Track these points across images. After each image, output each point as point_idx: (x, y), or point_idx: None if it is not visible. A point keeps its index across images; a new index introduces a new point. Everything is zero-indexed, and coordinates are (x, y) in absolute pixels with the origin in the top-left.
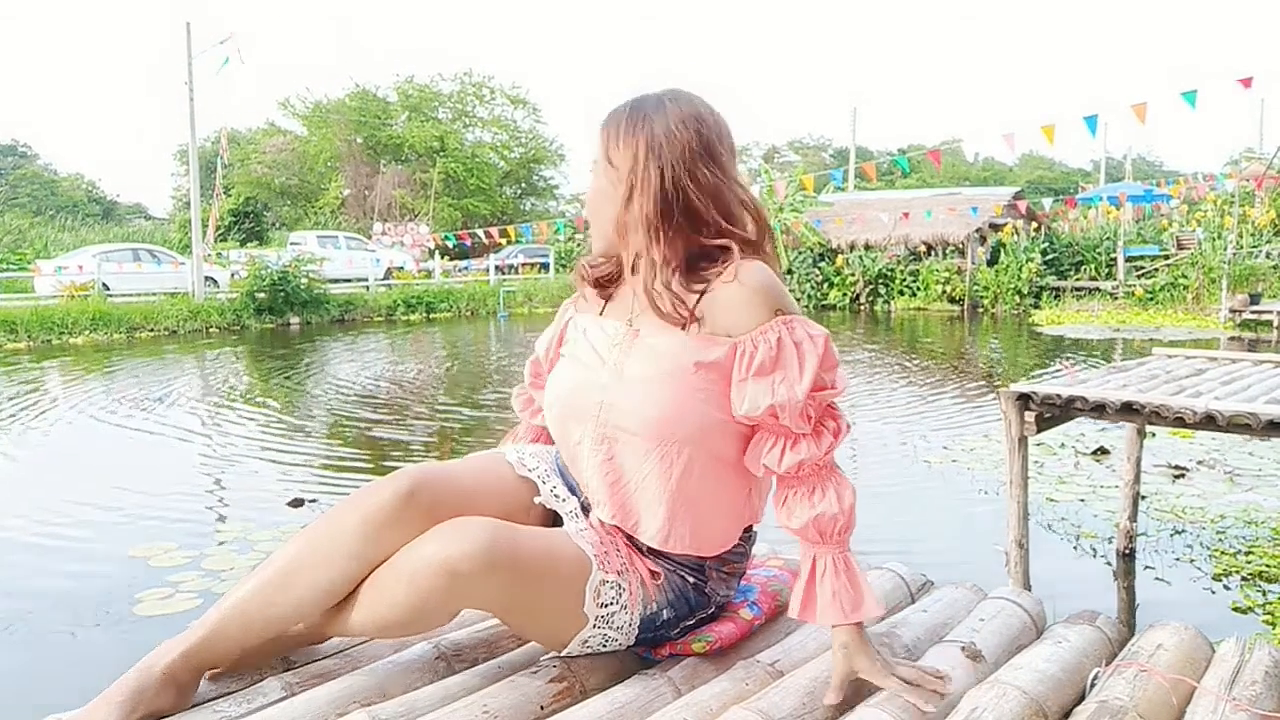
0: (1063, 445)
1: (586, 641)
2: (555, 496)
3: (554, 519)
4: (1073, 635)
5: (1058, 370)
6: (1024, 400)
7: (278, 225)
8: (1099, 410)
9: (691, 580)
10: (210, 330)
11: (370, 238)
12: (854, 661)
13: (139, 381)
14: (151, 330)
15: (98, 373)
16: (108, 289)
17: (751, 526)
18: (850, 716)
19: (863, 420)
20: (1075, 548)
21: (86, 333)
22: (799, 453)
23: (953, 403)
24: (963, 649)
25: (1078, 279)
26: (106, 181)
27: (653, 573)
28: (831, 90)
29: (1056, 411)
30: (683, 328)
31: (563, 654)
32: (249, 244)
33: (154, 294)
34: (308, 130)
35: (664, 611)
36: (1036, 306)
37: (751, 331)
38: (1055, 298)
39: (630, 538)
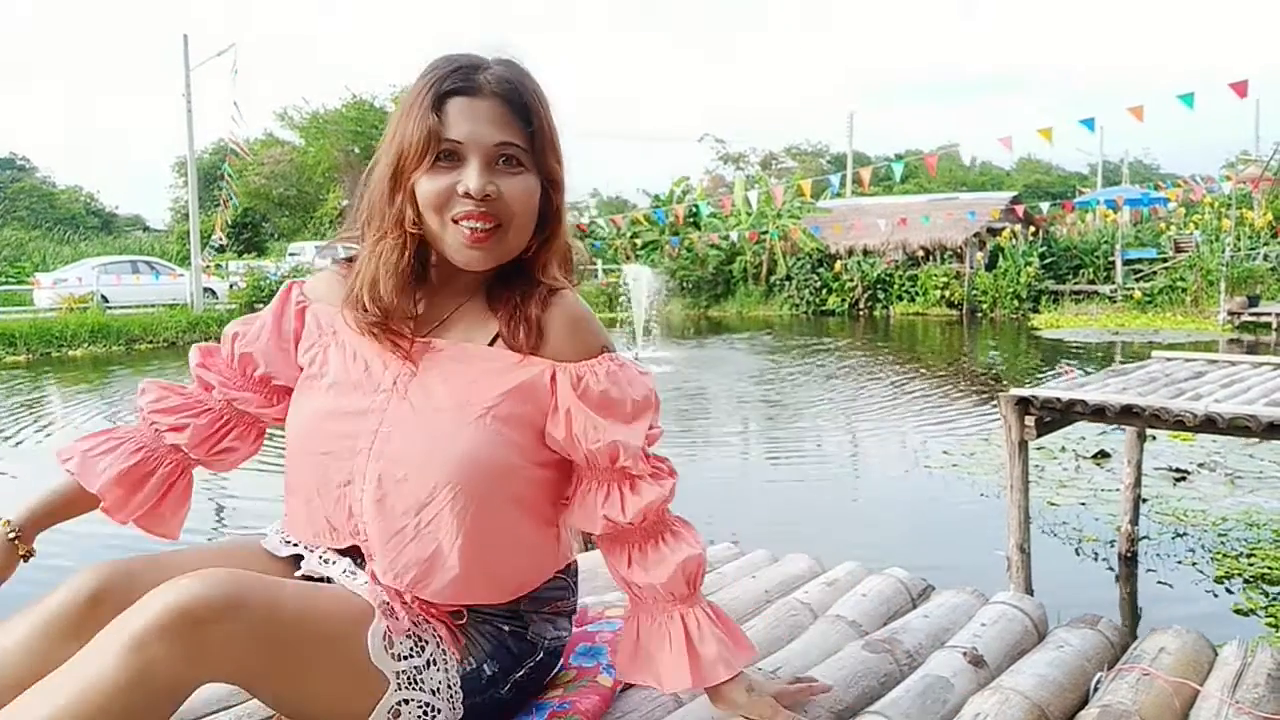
0: (1063, 449)
1: (398, 716)
2: (324, 562)
3: None
4: (1075, 639)
5: (1059, 374)
6: (1024, 404)
7: (276, 236)
8: (1099, 414)
9: (508, 628)
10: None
11: None
12: (760, 712)
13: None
14: (150, 342)
15: (97, 384)
16: (106, 301)
17: (573, 565)
18: None
19: (863, 426)
20: (1077, 552)
21: (85, 345)
22: (643, 496)
23: (953, 407)
24: (964, 654)
25: (1076, 283)
26: (105, 194)
27: (456, 623)
28: (829, 96)
29: (1056, 415)
30: (521, 353)
31: None
32: (247, 255)
33: (153, 306)
34: (305, 141)
35: (485, 665)
36: (1035, 310)
37: (575, 363)
38: (1054, 302)
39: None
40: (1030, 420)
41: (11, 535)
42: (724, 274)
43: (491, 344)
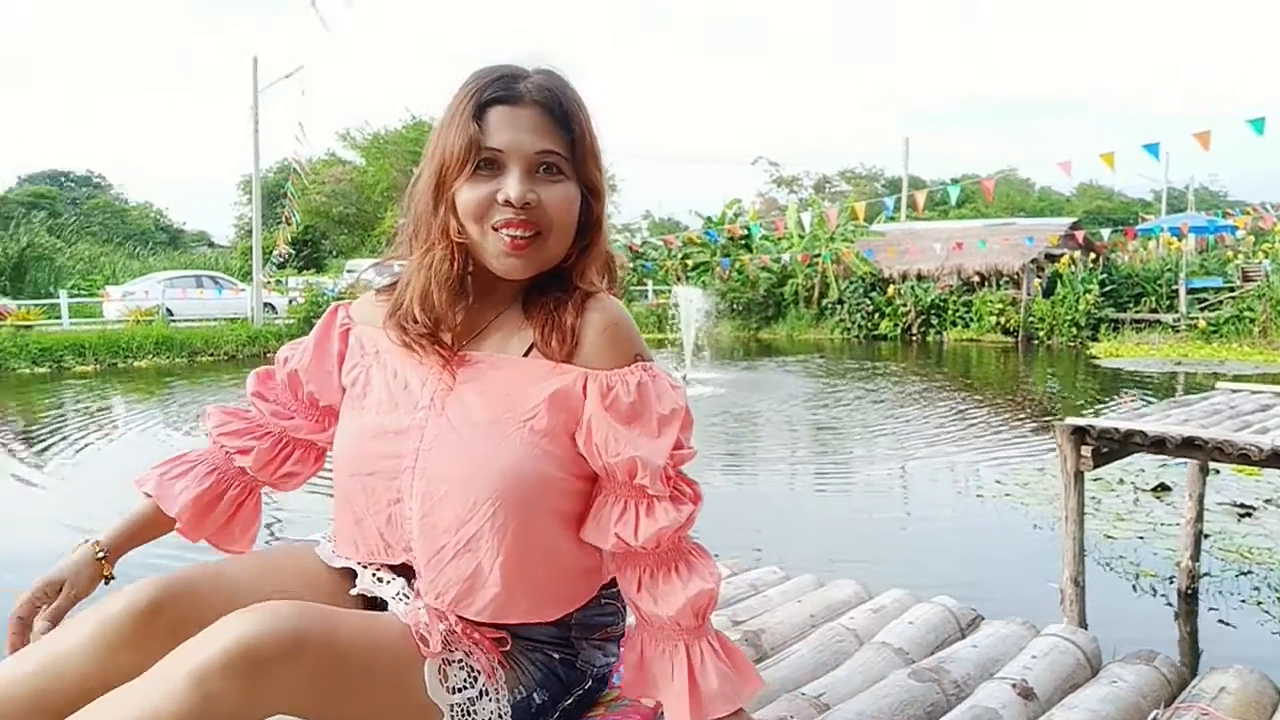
0: (1121, 481)
1: None
2: (378, 580)
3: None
4: (1129, 675)
5: (1118, 404)
6: (1080, 434)
7: (335, 253)
8: (1159, 445)
9: (558, 656)
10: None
11: None
12: None
13: (201, 401)
14: (211, 355)
15: (159, 394)
16: (171, 314)
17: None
18: None
19: (914, 453)
20: (1134, 587)
21: (150, 356)
22: (657, 520)
23: (1007, 436)
24: (1014, 686)
25: (1137, 311)
26: (173, 210)
27: (502, 649)
28: (885, 120)
29: (1114, 446)
30: (555, 360)
31: None
32: (306, 271)
33: (215, 319)
34: (365, 161)
35: (535, 694)
36: (1094, 339)
37: (607, 370)
38: (1114, 330)
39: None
40: (1087, 450)
41: (100, 555)
42: (775, 296)
43: (527, 353)
